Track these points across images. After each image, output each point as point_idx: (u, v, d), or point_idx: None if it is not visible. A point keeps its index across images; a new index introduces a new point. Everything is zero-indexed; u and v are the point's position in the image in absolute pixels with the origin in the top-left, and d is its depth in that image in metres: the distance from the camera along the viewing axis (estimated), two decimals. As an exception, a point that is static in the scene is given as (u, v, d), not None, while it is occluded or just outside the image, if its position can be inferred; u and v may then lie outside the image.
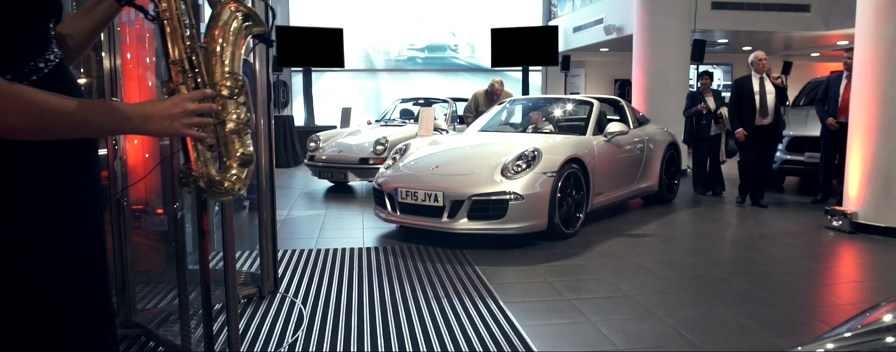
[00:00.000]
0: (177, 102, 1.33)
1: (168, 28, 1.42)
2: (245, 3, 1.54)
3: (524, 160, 4.85)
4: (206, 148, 1.44)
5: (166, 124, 1.31)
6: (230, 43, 1.48)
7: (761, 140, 6.52)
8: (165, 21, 1.42)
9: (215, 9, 1.52)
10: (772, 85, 6.51)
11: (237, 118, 1.45)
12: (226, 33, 1.48)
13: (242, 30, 1.51)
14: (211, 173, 1.46)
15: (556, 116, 6.39)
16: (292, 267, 4.30)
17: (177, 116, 1.32)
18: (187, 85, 1.41)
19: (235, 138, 1.46)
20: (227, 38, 1.48)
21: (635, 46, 9.54)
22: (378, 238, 5.21)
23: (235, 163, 1.47)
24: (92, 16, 1.49)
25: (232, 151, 1.46)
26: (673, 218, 6.16)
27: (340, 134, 8.42)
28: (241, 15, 1.51)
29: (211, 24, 1.50)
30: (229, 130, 1.45)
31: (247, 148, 1.48)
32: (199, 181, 1.45)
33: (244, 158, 1.48)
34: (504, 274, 4.12)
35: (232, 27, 1.49)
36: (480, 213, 4.67)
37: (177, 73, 1.41)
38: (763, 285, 3.91)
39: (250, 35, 1.56)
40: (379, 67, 15.15)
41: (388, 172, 5.35)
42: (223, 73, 1.45)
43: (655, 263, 4.42)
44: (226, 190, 1.46)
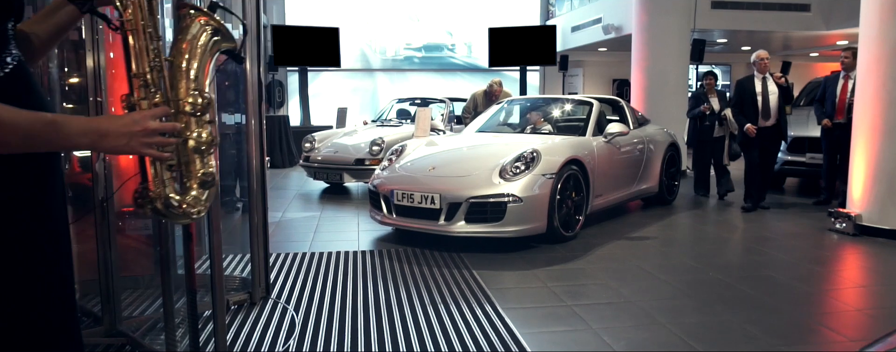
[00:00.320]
0: (137, 119, 1.25)
1: (132, 39, 1.34)
2: (215, 17, 1.47)
3: (523, 162, 4.75)
4: (165, 168, 1.37)
5: (124, 142, 1.22)
6: (197, 58, 1.41)
7: (764, 142, 6.35)
8: (129, 32, 1.34)
9: (184, 21, 1.44)
10: (775, 85, 6.35)
11: (199, 136, 1.37)
12: (193, 48, 1.41)
13: (211, 45, 1.44)
14: (169, 195, 1.38)
15: (555, 116, 6.29)
16: (285, 271, 4.19)
17: (136, 134, 1.23)
18: (149, 100, 1.33)
19: (197, 158, 1.38)
20: (195, 53, 1.41)
21: (634, 46, 9.45)
22: (374, 241, 5.11)
23: (196, 184, 1.39)
24: (54, 19, 1.41)
25: (193, 170, 1.39)
26: (673, 220, 6.06)
27: (336, 134, 8.31)
28: (210, 29, 1.44)
29: (178, 38, 1.42)
30: (191, 148, 1.37)
31: (208, 168, 1.40)
32: (156, 203, 1.38)
33: (205, 178, 1.40)
34: (502, 279, 4.01)
35: (200, 41, 1.42)
36: (478, 215, 4.56)
37: (139, 87, 1.33)
38: (767, 290, 3.82)
39: (219, 51, 1.49)
40: (375, 67, 15.04)
41: (384, 173, 5.25)
42: (188, 89, 1.38)
43: (657, 267, 4.32)
44: (184, 213, 1.39)
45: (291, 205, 6.93)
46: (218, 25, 1.46)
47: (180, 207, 1.38)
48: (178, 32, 1.43)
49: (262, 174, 3.53)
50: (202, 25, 1.44)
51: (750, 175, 6.51)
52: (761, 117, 6.30)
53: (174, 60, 1.39)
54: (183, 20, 1.44)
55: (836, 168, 6.67)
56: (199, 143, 1.37)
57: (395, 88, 14.65)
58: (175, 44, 1.42)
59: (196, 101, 1.37)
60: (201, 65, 1.41)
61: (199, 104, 1.37)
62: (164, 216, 1.40)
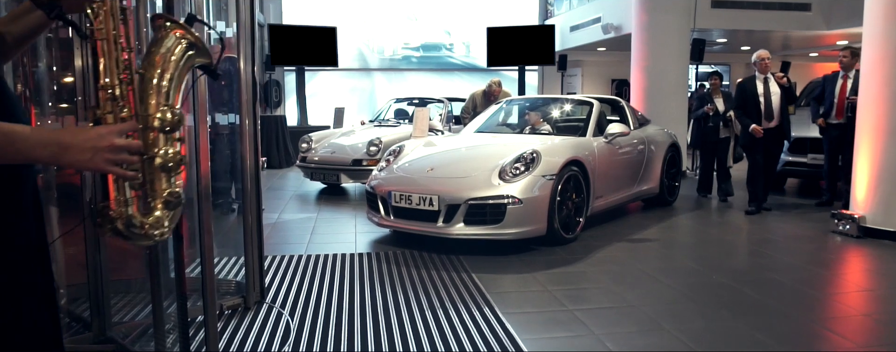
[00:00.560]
0: (102, 133, 1.18)
1: (101, 49, 1.27)
2: (192, 31, 1.40)
3: (523, 162, 4.67)
4: (128, 186, 1.30)
5: (87, 158, 1.16)
6: (170, 72, 1.34)
7: (767, 144, 6.24)
8: (99, 41, 1.27)
9: (158, 33, 1.37)
10: (777, 85, 6.24)
11: (166, 154, 1.30)
12: (166, 61, 1.34)
13: (185, 59, 1.37)
14: (131, 214, 1.31)
15: (555, 116, 6.21)
16: (281, 274, 4.11)
17: (101, 149, 1.16)
18: (115, 114, 1.27)
19: (163, 176, 1.31)
20: (167, 67, 1.34)
21: (634, 45, 9.37)
22: (371, 243, 5.02)
23: (160, 204, 1.32)
24: (24, 22, 1.35)
25: (158, 190, 1.32)
26: (674, 222, 5.99)
27: (333, 134, 8.23)
28: (185, 43, 1.37)
29: (151, 50, 1.35)
30: (157, 165, 1.30)
31: (175, 188, 1.33)
32: (117, 223, 1.31)
33: (171, 198, 1.33)
34: (502, 282, 3.94)
35: (174, 55, 1.36)
36: (477, 217, 4.48)
37: (106, 99, 1.27)
38: (772, 293, 3.74)
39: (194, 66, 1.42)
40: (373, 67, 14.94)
41: (382, 174, 5.17)
42: (159, 104, 1.31)
43: (659, 270, 4.25)
44: (146, 234, 1.32)
45: (288, 206, 6.85)
46: (194, 40, 1.39)
47: (142, 228, 1.32)
48: (151, 44, 1.37)
49: (256, 175, 3.45)
50: (177, 39, 1.37)
51: (753, 178, 6.39)
52: (764, 118, 6.19)
53: (145, 73, 1.32)
54: (158, 32, 1.38)
55: (837, 169, 6.61)
56: (167, 161, 1.30)
57: (392, 87, 14.57)
58: (147, 56, 1.35)
59: (166, 116, 1.30)
60: (174, 79, 1.34)
61: (168, 120, 1.30)
62: (125, 237, 1.33)
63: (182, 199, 1.35)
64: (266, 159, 10.55)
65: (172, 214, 1.34)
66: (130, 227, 1.31)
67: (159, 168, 1.30)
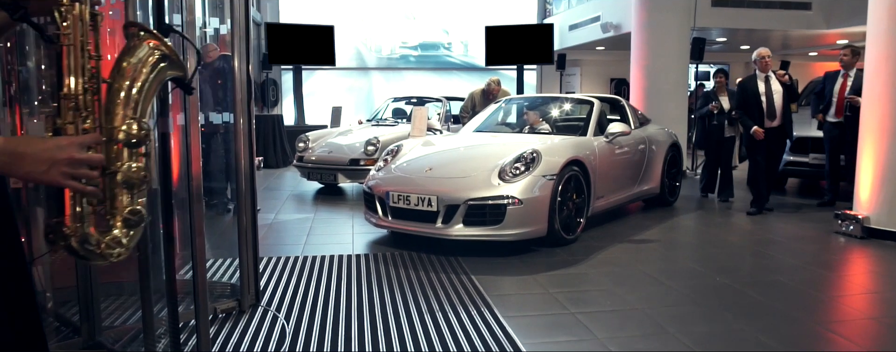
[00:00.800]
0: (62, 145, 1.10)
1: (66, 55, 1.19)
2: (166, 42, 1.33)
3: (523, 162, 4.60)
4: (86, 202, 1.22)
5: (42, 169, 1.08)
6: (140, 83, 1.27)
7: (769, 144, 6.12)
8: (65, 47, 1.19)
9: (130, 41, 1.30)
10: (778, 84, 6.11)
11: (129, 169, 1.23)
12: (137, 72, 1.27)
13: (157, 71, 1.30)
14: (87, 232, 1.23)
15: (555, 115, 6.14)
16: (277, 276, 4.03)
17: (58, 162, 1.09)
18: (77, 125, 1.19)
19: (125, 193, 1.24)
20: (138, 78, 1.27)
21: (634, 44, 9.31)
22: (368, 244, 4.95)
23: (120, 222, 1.25)
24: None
25: (118, 207, 1.24)
26: (675, 223, 5.92)
27: (330, 134, 8.15)
28: (158, 54, 1.31)
29: (122, 59, 1.28)
30: (119, 181, 1.23)
31: (137, 205, 1.26)
32: (71, 240, 1.23)
33: (132, 217, 1.26)
34: (502, 284, 3.86)
35: (146, 66, 1.29)
36: (477, 218, 4.41)
37: (68, 109, 1.19)
38: (777, 296, 3.67)
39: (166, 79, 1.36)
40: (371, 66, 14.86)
41: (379, 174, 5.09)
42: (126, 116, 1.24)
43: (662, 271, 4.18)
44: (101, 254, 1.25)
45: (284, 206, 6.77)
46: (168, 51, 1.33)
47: (98, 247, 1.24)
48: (122, 53, 1.29)
49: (250, 175, 3.37)
50: (150, 49, 1.30)
51: (754, 179, 6.29)
52: (766, 118, 6.08)
53: (113, 83, 1.25)
54: (130, 40, 1.31)
55: (838, 169, 6.55)
56: (130, 176, 1.23)
57: (390, 87, 14.48)
58: (117, 65, 1.28)
59: (132, 130, 1.23)
60: (143, 92, 1.27)
61: (134, 134, 1.23)
62: (79, 256, 1.25)
63: (144, 217, 1.27)
64: (262, 159, 10.47)
65: (132, 233, 1.26)
66: (85, 245, 1.23)
67: (121, 184, 1.22)
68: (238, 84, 3.24)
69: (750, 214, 6.19)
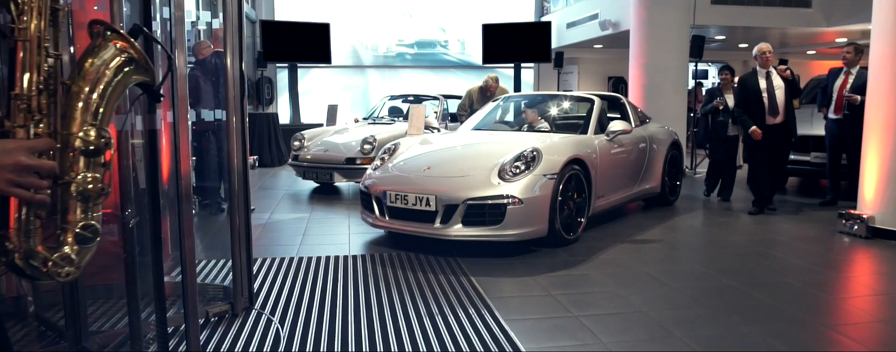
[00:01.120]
0: (9, 149, 1.01)
1: (22, 52, 1.09)
2: (135, 44, 1.22)
3: (523, 161, 4.50)
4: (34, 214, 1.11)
5: None
6: (102, 87, 1.16)
7: (772, 141, 5.96)
8: (20, 42, 1.09)
9: (95, 41, 1.19)
10: (780, 79, 5.96)
11: (85, 180, 1.12)
12: (100, 74, 1.17)
13: (122, 75, 1.19)
14: (32, 247, 1.12)
15: (554, 114, 6.05)
16: (271, 278, 3.93)
17: (3, 167, 0.99)
18: (28, 129, 1.09)
19: (79, 206, 1.13)
20: (100, 81, 1.16)
21: (632, 42, 9.22)
22: (365, 244, 4.85)
23: (71, 238, 1.14)
24: None
25: (70, 221, 1.14)
26: (677, 222, 5.83)
27: (326, 132, 8.05)
28: (125, 57, 1.20)
29: (84, 60, 1.17)
30: (73, 192, 1.12)
31: (91, 220, 1.15)
32: (14, 256, 1.12)
33: (85, 233, 1.15)
34: (502, 286, 3.77)
35: (110, 69, 1.18)
36: (476, 218, 4.31)
37: (19, 110, 1.09)
38: (784, 297, 3.59)
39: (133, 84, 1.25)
40: (367, 64, 14.74)
41: (376, 173, 4.99)
42: (85, 121, 1.13)
43: (665, 272, 4.09)
44: (48, 272, 1.14)
45: (279, 206, 6.66)
46: (136, 54, 1.22)
47: (45, 264, 1.13)
48: (85, 53, 1.18)
49: (243, 174, 3.27)
50: (116, 51, 1.20)
51: (754, 179, 6.15)
52: (768, 114, 5.94)
53: (72, 85, 1.14)
54: (95, 40, 1.20)
55: (840, 168, 6.48)
56: (86, 188, 1.12)
57: (386, 85, 14.37)
58: (78, 66, 1.17)
59: (90, 136, 1.13)
60: (106, 97, 1.17)
61: (93, 141, 1.13)
62: (23, 274, 1.15)
63: (99, 233, 1.16)
64: (257, 158, 10.35)
65: (84, 250, 1.15)
66: (30, 261, 1.12)
67: (76, 196, 1.12)
68: (231, 81, 3.14)
69: (751, 213, 6.08)
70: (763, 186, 6.08)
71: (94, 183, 1.13)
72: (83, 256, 1.15)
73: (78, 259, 1.15)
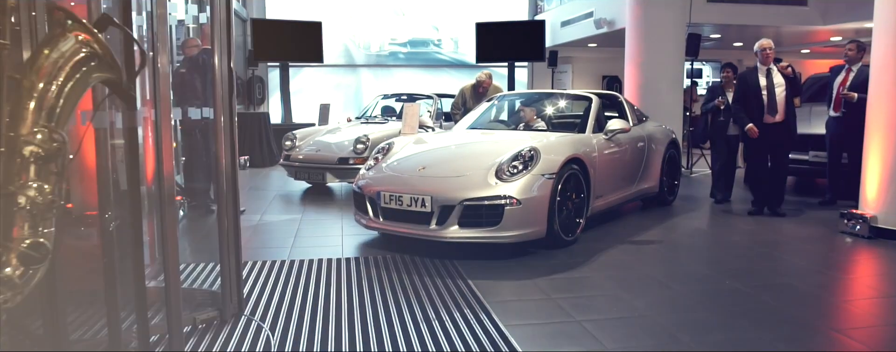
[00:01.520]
0: None
1: None
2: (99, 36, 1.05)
3: (521, 161, 4.39)
4: None
5: None
6: (58, 83, 0.99)
7: (772, 140, 5.74)
8: None
9: (54, 30, 1.03)
10: (780, 77, 5.73)
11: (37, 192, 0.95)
12: (57, 69, 1.00)
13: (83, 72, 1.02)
14: None
15: (551, 112, 5.93)
16: (262, 283, 3.79)
17: None
18: None
19: (26, 221, 0.96)
20: (57, 76, 1.00)
21: (628, 41, 9.13)
22: (359, 247, 4.72)
23: (14, 257, 0.98)
24: None
25: (14, 238, 0.98)
26: (676, 223, 5.73)
27: (318, 132, 7.92)
28: (87, 51, 1.03)
29: (39, 50, 1.00)
30: (20, 205, 0.96)
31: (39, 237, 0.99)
32: None
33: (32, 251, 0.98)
34: (501, 290, 3.65)
35: (69, 63, 1.01)
36: (473, 219, 4.19)
37: None
38: (791, 300, 3.48)
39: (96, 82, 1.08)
40: (359, 63, 14.60)
41: (370, 173, 4.86)
42: (36, 122, 0.97)
43: (668, 275, 3.98)
44: None
45: (271, 207, 6.52)
46: (100, 48, 1.04)
47: None
48: (41, 44, 1.01)
49: (232, 175, 3.14)
50: (77, 43, 1.03)
51: (754, 179, 6.00)
52: (767, 113, 5.72)
53: (23, 79, 0.98)
54: (52, 30, 1.03)
55: (841, 167, 6.40)
56: (34, 200, 0.97)
57: (379, 84, 14.23)
58: (31, 58, 1.00)
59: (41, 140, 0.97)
60: (64, 95, 1.00)
61: (44, 146, 0.97)
62: None
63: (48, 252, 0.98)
64: (248, 158, 10.20)
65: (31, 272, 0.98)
66: None
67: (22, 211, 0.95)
68: (218, 78, 3.01)
69: (751, 214, 5.95)
70: (763, 186, 5.94)
71: (43, 194, 0.96)
72: (29, 280, 0.98)
73: (21, 283, 0.97)
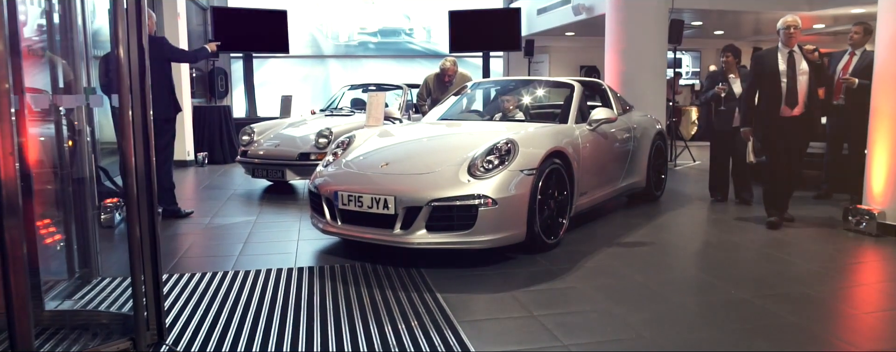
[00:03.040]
0: None
1: None
2: None
3: (496, 155, 3.88)
4: None
5: None
6: None
7: (788, 137, 4.80)
8: None
9: None
10: (805, 63, 4.77)
11: None
12: None
13: None
14: None
15: (529, 101, 5.43)
16: (195, 301, 3.23)
17: None
18: None
19: None
20: None
21: (608, 27, 8.65)
22: (315, 254, 4.18)
23: None
24: None
25: None
26: (667, 221, 5.26)
27: (279, 125, 7.34)
28: None
29: None
30: None
31: None
32: None
33: None
34: (474, 305, 3.14)
35: None
36: (443, 222, 3.67)
37: None
38: (809, 314, 3.02)
39: None
40: (327, 53, 13.94)
41: (328, 170, 4.31)
42: None
43: (664, 283, 3.50)
44: None
45: (224, 208, 5.94)
46: None
47: None
48: None
49: (146, 175, 2.58)
50: None
51: (771, 181, 4.97)
52: (784, 104, 4.73)
53: None
54: None
55: (840, 158, 6.00)
56: None
57: (348, 75, 13.60)
58: None
59: None
60: None
61: None
62: None
63: None
64: (206, 154, 9.57)
65: None
66: None
67: None
68: (122, 57, 2.44)
69: (770, 225, 4.88)
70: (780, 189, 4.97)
71: None
72: None
73: None
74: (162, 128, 5.20)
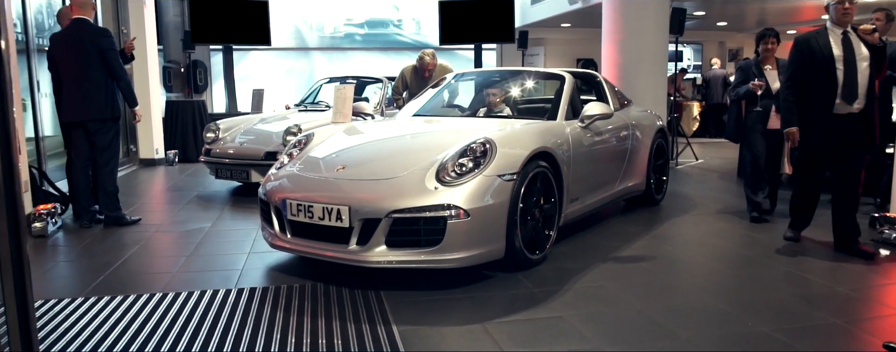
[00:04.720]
0: None
1: None
2: None
3: (470, 157, 3.31)
4: None
5: None
6: None
7: (845, 140, 3.79)
8: None
9: None
10: (864, 46, 3.73)
11: None
12: None
13: None
14: None
15: (515, 95, 4.87)
16: (103, 332, 2.67)
17: None
18: None
19: None
20: None
21: (605, 16, 8.08)
22: (264, 271, 3.62)
23: None
24: None
25: None
26: (668, 230, 4.70)
27: (248, 122, 6.79)
28: None
29: None
30: None
31: None
32: None
33: None
34: (439, 341, 2.57)
35: None
36: (406, 237, 3.11)
37: None
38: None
39: None
40: (312, 46, 13.35)
41: (279, 174, 3.75)
42: None
43: (668, 311, 2.93)
44: None
45: (180, 213, 5.37)
46: None
47: None
48: None
49: (10, 185, 2.00)
50: None
51: (804, 195, 4.11)
52: (841, 98, 3.73)
53: None
54: None
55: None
56: None
57: (334, 68, 13.03)
58: None
59: None
60: None
61: None
62: None
63: None
64: (177, 152, 9.01)
65: None
66: None
67: None
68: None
69: (788, 239, 4.21)
70: (811, 207, 4.16)
71: None
72: None
73: None
74: (98, 128, 4.65)
